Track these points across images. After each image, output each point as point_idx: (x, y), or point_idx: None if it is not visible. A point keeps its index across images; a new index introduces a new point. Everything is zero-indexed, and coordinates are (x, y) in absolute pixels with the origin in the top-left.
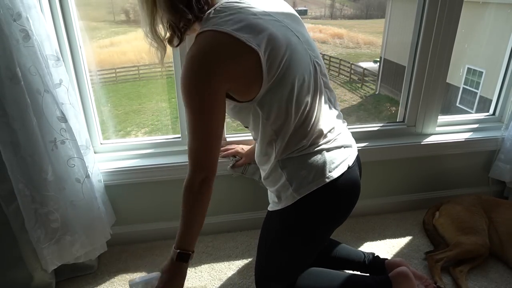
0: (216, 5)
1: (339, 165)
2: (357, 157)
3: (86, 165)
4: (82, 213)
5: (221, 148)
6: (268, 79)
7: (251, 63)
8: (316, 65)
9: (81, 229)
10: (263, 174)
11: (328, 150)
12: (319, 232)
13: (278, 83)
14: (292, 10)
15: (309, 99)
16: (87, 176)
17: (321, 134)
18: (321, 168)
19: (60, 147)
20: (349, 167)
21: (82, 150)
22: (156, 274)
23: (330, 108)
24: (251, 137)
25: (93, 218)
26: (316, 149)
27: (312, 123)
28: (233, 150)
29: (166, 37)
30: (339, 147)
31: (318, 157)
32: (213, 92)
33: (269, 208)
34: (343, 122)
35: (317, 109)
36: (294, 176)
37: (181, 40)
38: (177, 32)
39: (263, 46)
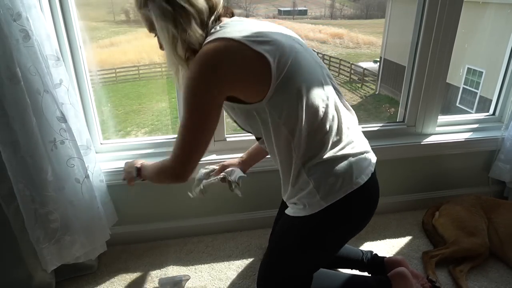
0: (220, 23)
1: (364, 171)
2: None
3: (86, 165)
4: (81, 213)
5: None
6: (276, 79)
7: (258, 67)
8: (323, 69)
9: (81, 229)
10: (287, 183)
11: (354, 155)
12: (342, 238)
13: (286, 83)
14: (289, 30)
15: (321, 100)
16: (87, 176)
17: (342, 138)
18: (349, 175)
19: (60, 147)
20: (372, 173)
21: (83, 150)
22: (183, 276)
23: (347, 110)
24: (249, 137)
25: (93, 218)
26: (341, 154)
27: (330, 125)
28: (221, 165)
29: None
30: (363, 152)
31: (344, 164)
32: (213, 96)
33: (290, 213)
34: (358, 125)
35: (333, 111)
36: (321, 183)
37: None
38: (195, 51)
39: (269, 50)
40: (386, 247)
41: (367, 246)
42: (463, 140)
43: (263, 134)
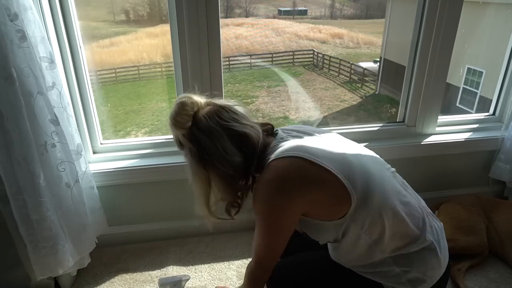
0: (271, 143)
1: (446, 252)
2: None
3: (77, 169)
4: (70, 220)
5: None
6: (356, 196)
7: (332, 186)
8: (388, 169)
9: (70, 238)
10: (359, 261)
11: (436, 240)
12: None
13: (366, 199)
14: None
15: (398, 201)
16: (77, 181)
17: (422, 230)
18: (436, 264)
19: (51, 151)
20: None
21: (74, 155)
22: (183, 276)
23: (410, 193)
24: None
25: (81, 225)
26: (426, 244)
27: (411, 221)
28: None
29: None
30: (439, 231)
31: (430, 254)
32: (289, 217)
33: None
34: (417, 199)
35: (409, 201)
36: (411, 274)
37: (240, 206)
38: (239, 203)
39: (339, 168)
40: None
41: None
42: (463, 140)
43: (336, 241)
